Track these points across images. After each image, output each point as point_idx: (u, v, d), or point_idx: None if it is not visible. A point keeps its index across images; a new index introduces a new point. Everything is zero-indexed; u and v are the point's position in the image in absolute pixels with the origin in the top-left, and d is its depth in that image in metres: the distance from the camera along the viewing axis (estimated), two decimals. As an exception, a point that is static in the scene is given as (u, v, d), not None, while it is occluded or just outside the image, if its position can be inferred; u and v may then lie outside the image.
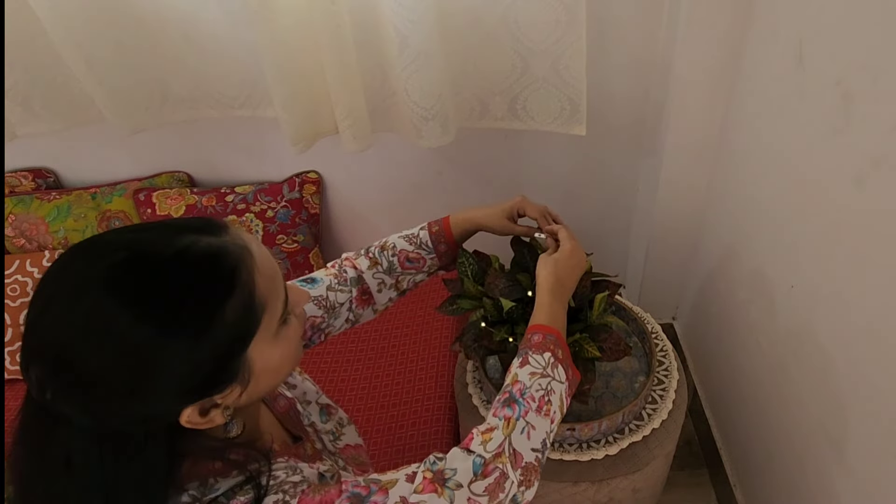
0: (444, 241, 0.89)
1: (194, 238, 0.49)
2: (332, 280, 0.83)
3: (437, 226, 0.90)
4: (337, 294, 0.83)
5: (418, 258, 0.88)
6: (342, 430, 0.78)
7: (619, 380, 1.06)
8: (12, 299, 1.42)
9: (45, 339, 0.47)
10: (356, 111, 1.21)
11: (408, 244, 0.88)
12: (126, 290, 0.46)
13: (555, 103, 1.24)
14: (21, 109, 1.27)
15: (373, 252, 0.87)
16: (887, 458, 0.79)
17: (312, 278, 0.83)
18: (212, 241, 0.50)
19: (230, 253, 0.50)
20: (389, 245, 0.88)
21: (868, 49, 0.76)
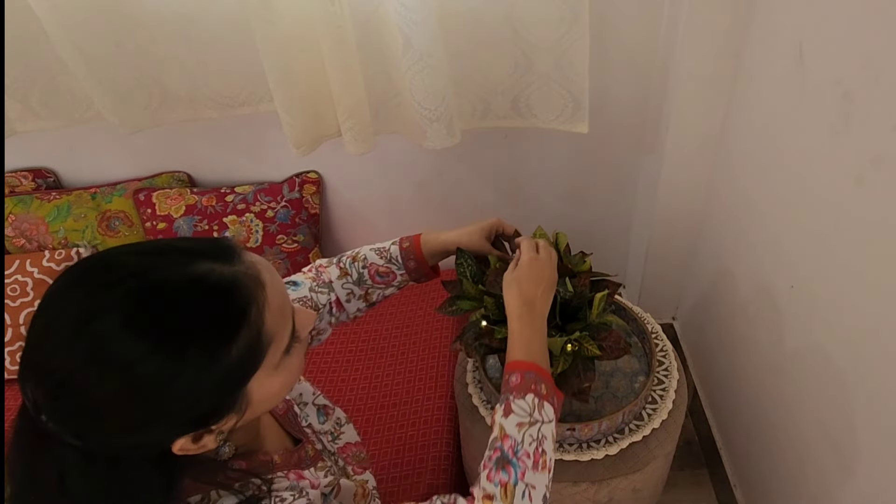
0: (414, 259, 0.88)
1: (208, 267, 0.48)
2: (312, 283, 0.83)
3: (407, 242, 0.88)
4: (318, 296, 0.82)
5: (388, 272, 0.87)
6: (340, 429, 0.78)
7: (619, 380, 1.06)
8: (12, 299, 1.42)
9: (48, 362, 0.45)
10: (358, 113, 1.21)
11: (378, 258, 0.87)
12: (138, 322, 0.45)
13: (557, 101, 1.24)
14: (21, 106, 1.27)
15: (344, 262, 0.86)
16: (887, 459, 0.79)
17: (294, 281, 0.82)
18: (225, 271, 0.49)
19: (242, 286, 0.49)
20: (361, 257, 0.87)
21: (868, 49, 0.76)
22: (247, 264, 0.51)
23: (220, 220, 1.47)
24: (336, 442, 0.76)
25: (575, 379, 0.86)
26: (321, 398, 0.78)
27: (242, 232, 1.47)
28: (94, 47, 1.15)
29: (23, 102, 1.27)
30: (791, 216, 1.01)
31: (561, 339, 0.83)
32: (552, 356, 0.84)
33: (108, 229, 1.51)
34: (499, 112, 1.29)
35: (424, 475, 1.13)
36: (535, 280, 0.78)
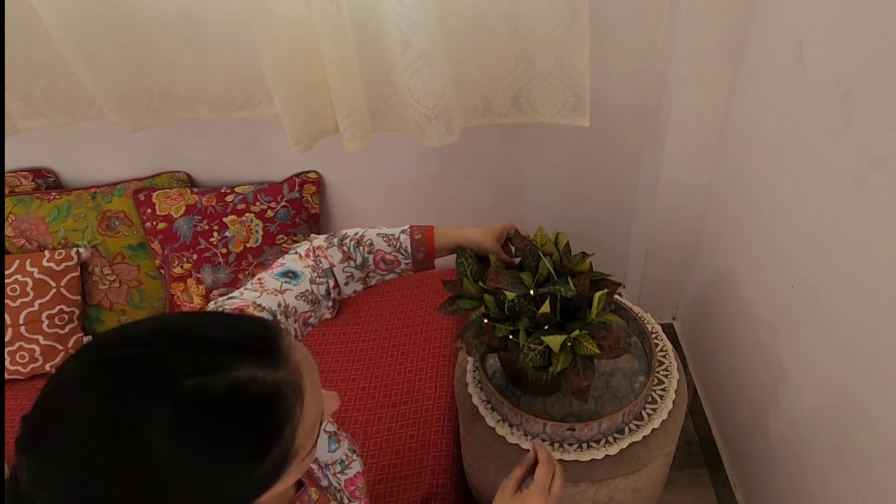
0: (424, 251, 0.87)
1: (251, 374, 0.44)
2: (311, 273, 0.81)
3: (419, 233, 0.87)
4: (318, 287, 0.81)
5: (394, 261, 0.87)
6: (353, 456, 0.75)
7: (619, 380, 1.06)
8: (12, 299, 1.42)
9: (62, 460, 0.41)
10: (356, 110, 1.21)
11: (386, 245, 0.86)
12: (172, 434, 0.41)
13: (558, 96, 1.24)
14: (23, 104, 1.28)
15: (347, 245, 0.85)
16: (887, 459, 0.79)
17: (294, 272, 0.79)
18: (268, 379, 0.45)
19: (282, 400, 0.46)
20: (366, 241, 0.86)
21: (868, 49, 0.76)
22: (290, 367, 0.48)
23: (220, 220, 1.47)
24: (345, 472, 0.73)
25: (574, 378, 0.86)
26: (330, 424, 0.75)
27: (242, 232, 1.47)
28: (95, 46, 1.16)
29: (25, 100, 1.27)
30: (791, 216, 1.01)
31: (560, 337, 0.83)
32: (552, 354, 0.84)
33: (108, 229, 1.51)
34: (500, 109, 1.29)
35: (424, 475, 1.13)
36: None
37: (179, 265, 1.47)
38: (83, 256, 1.50)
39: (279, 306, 0.74)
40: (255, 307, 0.71)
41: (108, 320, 1.55)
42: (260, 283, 0.77)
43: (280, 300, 0.75)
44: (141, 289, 1.55)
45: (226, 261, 1.46)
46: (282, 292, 0.76)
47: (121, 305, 1.55)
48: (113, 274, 1.53)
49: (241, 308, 0.71)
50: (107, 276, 1.53)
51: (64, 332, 1.47)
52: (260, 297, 0.74)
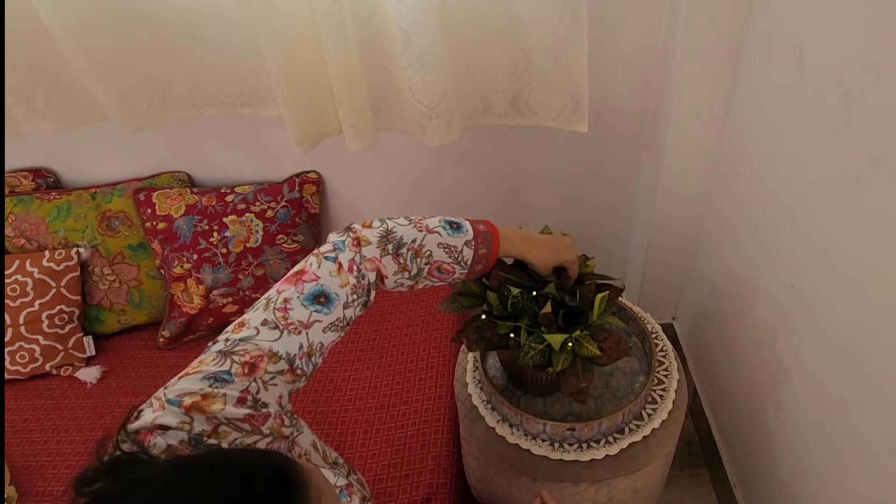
0: (484, 264, 0.82)
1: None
2: (348, 295, 0.72)
3: (484, 248, 0.80)
4: (354, 309, 0.74)
5: (450, 271, 0.80)
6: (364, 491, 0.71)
7: (619, 380, 1.06)
8: (12, 299, 1.42)
9: None
10: (359, 110, 1.21)
11: (446, 255, 0.79)
12: None
13: (557, 100, 1.24)
14: (25, 108, 1.27)
15: (404, 256, 0.76)
16: (887, 459, 0.79)
17: (327, 296, 0.70)
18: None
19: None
20: (425, 252, 0.77)
21: (868, 49, 0.76)
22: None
23: (220, 220, 1.47)
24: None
25: (573, 379, 0.86)
26: (341, 478, 0.69)
27: (242, 232, 1.47)
28: (97, 46, 1.16)
29: (28, 104, 1.27)
30: (791, 216, 1.01)
31: (561, 336, 0.83)
32: (553, 352, 0.84)
33: (108, 229, 1.51)
34: (499, 110, 1.29)
35: (424, 475, 1.13)
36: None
37: (179, 265, 1.47)
38: (83, 256, 1.50)
39: (300, 348, 0.67)
40: (270, 359, 0.65)
41: (108, 320, 1.55)
42: (285, 313, 0.68)
43: (303, 340, 0.68)
44: (141, 289, 1.55)
45: (226, 261, 1.46)
46: (308, 326, 0.68)
47: (121, 305, 1.55)
48: (113, 274, 1.53)
49: (254, 363, 0.63)
50: (107, 276, 1.53)
51: (64, 332, 1.47)
52: (278, 341, 0.66)
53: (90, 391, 1.44)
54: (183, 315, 1.50)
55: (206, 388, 0.59)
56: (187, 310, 1.49)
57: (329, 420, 1.28)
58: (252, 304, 0.71)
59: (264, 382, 0.63)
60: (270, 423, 0.62)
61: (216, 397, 0.59)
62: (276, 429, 0.62)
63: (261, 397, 0.62)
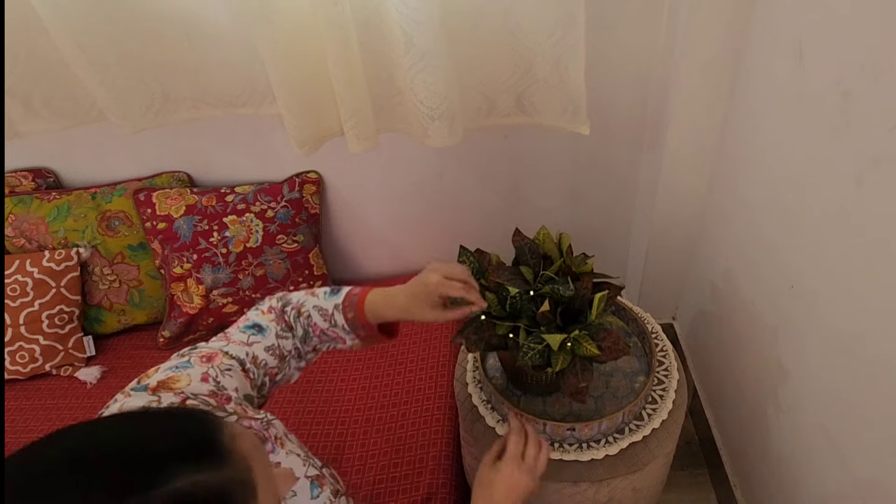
0: (362, 328, 0.81)
1: (191, 480, 0.40)
2: (276, 327, 0.80)
3: (351, 311, 0.80)
4: (283, 342, 0.80)
5: (336, 337, 0.82)
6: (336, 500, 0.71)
7: (619, 380, 1.06)
8: (12, 299, 1.42)
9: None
10: (361, 111, 1.21)
11: (321, 318, 0.81)
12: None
13: (558, 103, 1.24)
14: (23, 108, 1.27)
15: (288, 314, 0.82)
16: (887, 459, 0.79)
17: (260, 326, 0.79)
18: (212, 481, 0.41)
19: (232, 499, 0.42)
20: (304, 312, 0.81)
21: (868, 49, 0.76)
22: (237, 462, 0.43)
23: (220, 220, 1.47)
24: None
25: (573, 378, 0.86)
26: (312, 469, 0.70)
27: (242, 232, 1.47)
28: (96, 46, 1.15)
29: (25, 104, 1.27)
30: (791, 216, 1.01)
31: (560, 336, 0.83)
32: (551, 353, 0.84)
33: (108, 229, 1.51)
34: (503, 110, 1.29)
35: (424, 475, 1.13)
36: (509, 492, 0.77)
37: (179, 265, 1.47)
38: (83, 256, 1.50)
39: (247, 356, 0.75)
40: (224, 355, 0.72)
41: (108, 320, 1.55)
42: (226, 337, 0.77)
43: (248, 350, 0.75)
44: (141, 289, 1.56)
45: (226, 261, 1.46)
46: (249, 345, 0.76)
47: (121, 305, 1.55)
48: (113, 274, 1.53)
49: (209, 355, 0.71)
50: (107, 276, 1.53)
51: (64, 332, 1.47)
52: (227, 347, 0.74)
53: (90, 391, 1.44)
54: (183, 315, 1.50)
55: (171, 373, 0.65)
56: (187, 310, 1.49)
57: (329, 420, 1.28)
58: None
59: (221, 371, 0.69)
60: (232, 407, 0.65)
61: (180, 377, 0.64)
62: (240, 413, 0.65)
63: (220, 381, 0.68)
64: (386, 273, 1.78)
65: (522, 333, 0.87)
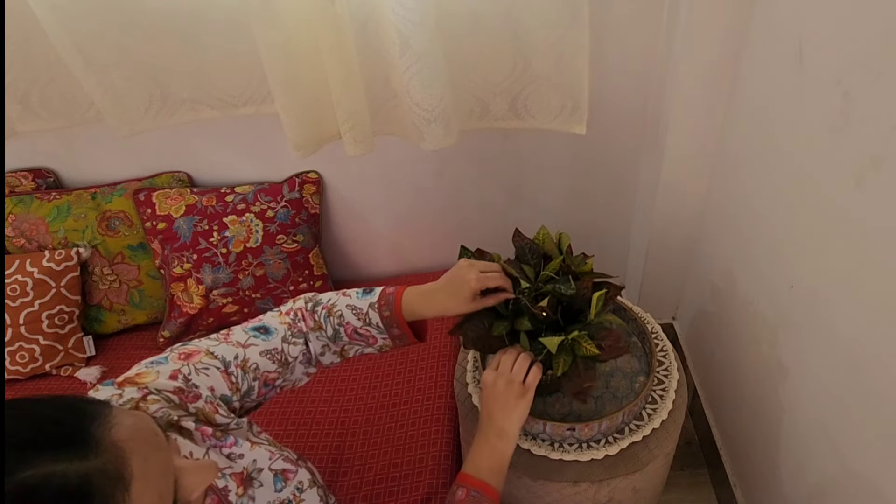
0: (397, 326, 0.82)
1: (49, 471, 0.37)
2: (286, 331, 0.80)
3: (388, 310, 0.81)
4: (290, 347, 0.80)
5: (368, 335, 0.83)
6: (301, 496, 0.70)
7: (619, 380, 1.06)
8: (12, 299, 1.42)
9: None
10: (358, 114, 1.21)
11: (355, 317, 0.81)
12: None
13: (556, 101, 1.24)
14: (20, 107, 1.27)
15: (319, 314, 0.82)
16: (887, 459, 0.79)
17: (267, 328, 0.79)
18: (70, 472, 0.38)
19: (96, 491, 0.39)
20: (336, 312, 0.82)
21: (868, 49, 0.76)
22: (106, 452, 0.40)
23: (220, 220, 1.47)
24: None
25: (576, 379, 0.86)
26: (280, 461, 0.70)
27: (242, 232, 1.47)
28: (93, 47, 1.15)
29: (23, 103, 1.27)
30: (791, 216, 1.01)
31: (558, 338, 0.83)
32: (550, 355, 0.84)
33: (108, 229, 1.51)
34: (497, 113, 1.29)
35: (424, 475, 1.13)
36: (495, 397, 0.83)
37: (179, 265, 1.47)
38: (83, 256, 1.50)
39: (236, 358, 0.74)
40: (206, 354, 0.72)
41: (108, 320, 1.55)
42: (226, 335, 0.78)
43: (240, 352, 0.75)
44: (141, 289, 1.56)
45: (226, 261, 1.46)
46: (245, 346, 0.76)
47: (121, 305, 1.55)
48: (113, 274, 1.53)
49: (189, 353, 0.71)
50: (107, 276, 1.53)
51: (64, 332, 1.47)
52: (217, 347, 0.74)
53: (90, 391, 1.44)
54: (183, 315, 1.50)
55: (142, 369, 0.67)
56: (187, 310, 1.49)
57: (329, 420, 1.28)
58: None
59: (196, 368, 0.70)
60: (200, 405, 0.66)
61: (149, 373, 0.66)
62: (208, 413, 0.66)
63: (192, 378, 0.68)
64: (386, 273, 1.78)
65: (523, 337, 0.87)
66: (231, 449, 0.66)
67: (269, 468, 0.68)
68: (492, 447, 0.81)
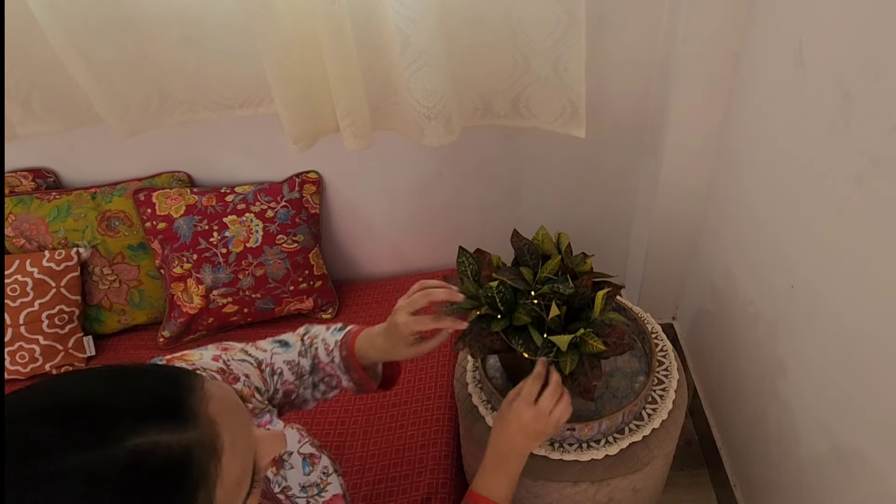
0: (354, 369, 0.82)
1: (154, 440, 0.39)
2: (300, 345, 0.84)
3: (345, 349, 0.82)
4: (305, 360, 0.84)
5: (333, 374, 0.84)
6: (327, 479, 0.72)
7: (619, 380, 1.06)
8: (12, 299, 1.42)
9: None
10: (357, 109, 1.21)
11: (325, 355, 0.83)
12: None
13: (555, 104, 1.24)
14: (21, 110, 1.27)
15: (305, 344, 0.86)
16: (887, 459, 0.79)
17: (285, 342, 0.84)
18: (173, 444, 0.40)
19: (194, 463, 0.41)
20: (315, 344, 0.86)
21: (868, 49, 0.76)
22: (203, 425, 0.43)
23: (220, 220, 1.47)
24: (322, 496, 0.71)
25: (582, 378, 0.86)
26: (307, 446, 0.72)
27: (242, 232, 1.47)
28: (93, 48, 1.15)
29: (24, 106, 1.27)
30: (791, 216, 1.01)
31: (568, 337, 0.83)
32: (559, 353, 0.84)
33: (108, 229, 1.51)
34: (499, 111, 1.29)
35: (424, 475, 1.13)
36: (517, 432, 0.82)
37: (179, 265, 1.47)
38: (83, 256, 1.50)
39: (264, 361, 0.80)
40: (241, 351, 0.77)
41: (108, 320, 1.55)
42: (253, 343, 0.83)
43: (267, 357, 0.80)
44: (141, 289, 1.56)
45: (226, 261, 1.46)
46: (271, 354, 0.82)
47: (121, 305, 1.55)
48: (113, 274, 1.53)
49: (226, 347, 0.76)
50: (107, 276, 1.53)
51: (64, 332, 1.47)
52: (248, 348, 0.80)
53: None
54: (183, 315, 1.50)
55: (186, 352, 0.71)
56: (187, 310, 1.49)
57: (329, 420, 1.28)
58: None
59: (235, 359, 0.74)
60: (240, 387, 0.69)
61: (193, 354, 0.70)
62: (245, 396, 0.69)
63: (231, 364, 0.72)
64: (386, 273, 1.78)
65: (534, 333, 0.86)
66: (266, 426, 0.67)
67: (299, 451, 0.70)
68: (509, 473, 0.82)
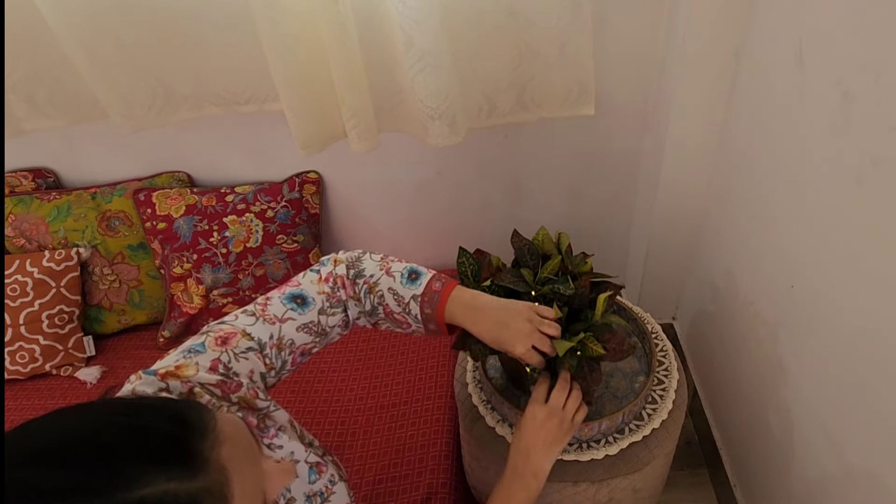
0: (435, 324, 0.80)
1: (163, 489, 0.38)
2: (324, 302, 0.78)
3: (430, 308, 0.78)
4: (329, 318, 0.79)
5: (404, 321, 0.81)
6: (332, 488, 0.71)
7: (619, 380, 1.06)
8: (12, 299, 1.42)
9: None
10: (362, 111, 1.21)
11: (395, 303, 0.79)
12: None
13: (561, 87, 1.25)
14: (27, 105, 1.27)
15: (359, 286, 0.80)
16: (887, 459, 0.79)
17: (304, 298, 0.77)
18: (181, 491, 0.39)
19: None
20: (377, 292, 0.79)
21: (868, 49, 0.76)
22: (213, 473, 0.42)
23: (220, 220, 1.47)
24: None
25: (582, 382, 0.86)
26: (313, 455, 0.71)
27: (242, 232, 1.47)
28: (98, 44, 1.16)
29: (29, 101, 1.27)
30: (791, 216, 1.01)
31: (568, 343, 0.82)
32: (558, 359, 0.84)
33: (108, 229, 1.51)
34: (504, 109, 1.30)
35: (424, 475, 1.13)
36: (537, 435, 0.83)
37: (179, 265, 1.47)
38: (83, 256, 1.50)
39: (271, 338, 0.73)
40: (243, 336, 0.71)
41: (108, 320, 1.55)
42: (264, 306, 0.76)
43: (275, 331, 0.74)
44: (141, 289, 1.56)
45: (226, 261, 1.46)
46: (282, 321, 0.75)
47: (121, 305, 1.55)
48: (113, 274, 1.53)
49: (226, 336, 0.70)
50: (107, 276, 1.53)
51: (64, 332, 1.47)
52: (254, 326, 0.73)
53: (90, 391, 1.44)
54: (183, 315, 1.50)
55: (181, 359, 0.66)
56: (187, 310, 1.49)
57: (329, 420, 1.28)
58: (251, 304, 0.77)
59: (235, 354, 0.70)
60: (242, 393, 0.66)
61: (189, 365, 0.65)
62: (249, 399, 0.67)
63: (232, 367, 0.68)
64: (386, 273, 1.78)
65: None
66: (272, 440, 0.67)
67: (305, 461, 0.69)
68: (527, 487, 0.82)
